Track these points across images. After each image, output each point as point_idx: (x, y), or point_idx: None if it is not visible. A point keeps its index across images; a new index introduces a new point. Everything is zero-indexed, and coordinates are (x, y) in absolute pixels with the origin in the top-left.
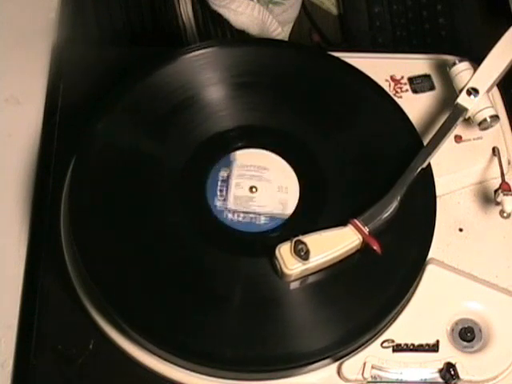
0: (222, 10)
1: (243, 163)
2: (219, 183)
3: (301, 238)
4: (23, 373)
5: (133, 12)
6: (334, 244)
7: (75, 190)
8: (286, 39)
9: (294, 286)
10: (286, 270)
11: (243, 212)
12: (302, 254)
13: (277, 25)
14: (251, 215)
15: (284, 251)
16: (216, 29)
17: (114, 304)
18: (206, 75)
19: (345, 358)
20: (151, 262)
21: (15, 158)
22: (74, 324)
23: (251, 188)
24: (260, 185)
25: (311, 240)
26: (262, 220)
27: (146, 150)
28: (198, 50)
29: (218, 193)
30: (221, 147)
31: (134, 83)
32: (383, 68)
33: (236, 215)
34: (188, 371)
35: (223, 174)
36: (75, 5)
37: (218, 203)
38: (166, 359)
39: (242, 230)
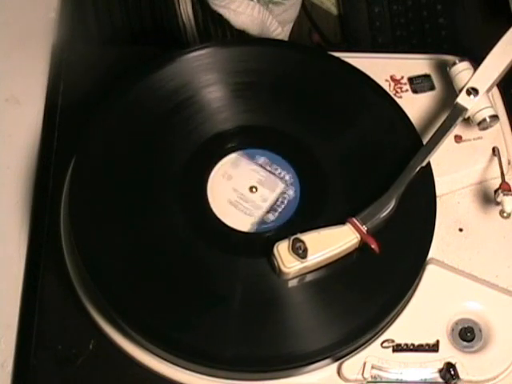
0: (222, 10)
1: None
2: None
3: (299, 236)
4: (23, 373)
5: (133, 12)
6: (331, 242)
7: (75, 190)
8: (286, 39)
9: (293, 286)
10: (283, 268)
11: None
12: (300, 252)
13: (277, 25)
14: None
15: (282, 249)
16: (216, 29)
17: (113, 304)
18: (206, 75)
19: (345, 358)
20: (151, 262)
21: (15, 158)
22: (74, 324)
23: (251, 189)
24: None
25: (309, 238)
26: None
27: (146, 150)
28: (197, 50)
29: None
30: (221, 147)
31: (134, 83)
32: (383, 68)
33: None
34: (188, 371)
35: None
36: (75, 4)
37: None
38: (165, 359)
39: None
